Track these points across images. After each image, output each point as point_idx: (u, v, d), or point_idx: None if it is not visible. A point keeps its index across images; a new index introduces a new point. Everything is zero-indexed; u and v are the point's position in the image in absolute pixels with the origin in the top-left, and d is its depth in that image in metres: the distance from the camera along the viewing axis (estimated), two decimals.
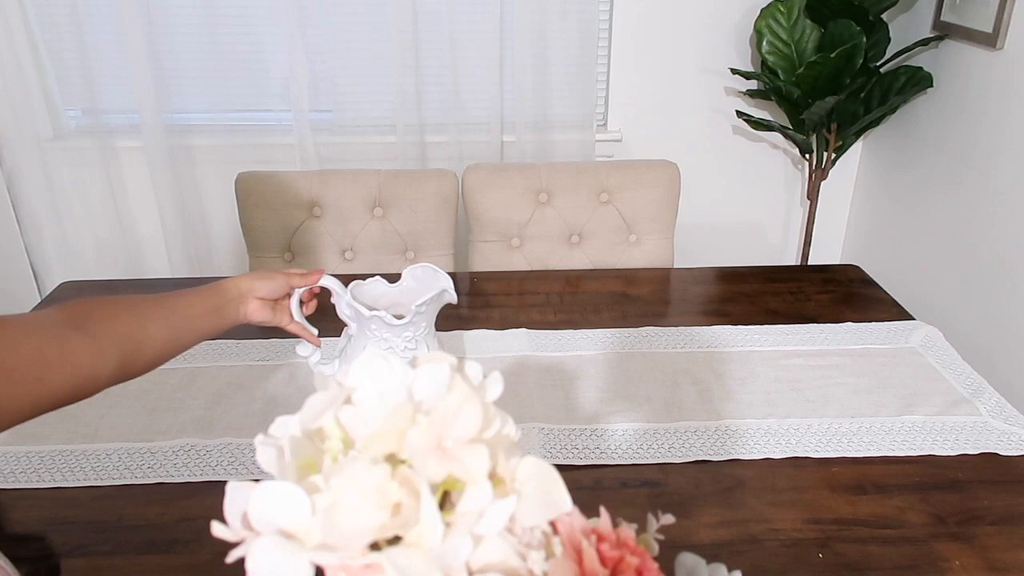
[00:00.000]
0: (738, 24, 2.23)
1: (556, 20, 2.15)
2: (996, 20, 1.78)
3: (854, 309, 1.41)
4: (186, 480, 0.97)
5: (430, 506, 0.37)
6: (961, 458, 1.02)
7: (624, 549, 0.49)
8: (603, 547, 0.48)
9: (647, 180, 1.72)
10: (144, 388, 1.15)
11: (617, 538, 0.49)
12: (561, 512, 0.42)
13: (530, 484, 0.41)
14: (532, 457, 0.42)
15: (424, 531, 0.37)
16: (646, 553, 0.50)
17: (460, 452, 0.38)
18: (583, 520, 0.48)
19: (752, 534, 0.90)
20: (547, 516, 0.41)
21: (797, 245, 2.57)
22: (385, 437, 0.39)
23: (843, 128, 2.15)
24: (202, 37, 2.14)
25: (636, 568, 0.47)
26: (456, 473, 0.38)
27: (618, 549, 0.49)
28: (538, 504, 0.41)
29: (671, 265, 1.74)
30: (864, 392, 1.15)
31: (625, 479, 0.98)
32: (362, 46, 2.19)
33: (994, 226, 1.84)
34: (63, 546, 0.88)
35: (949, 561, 0.85)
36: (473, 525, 0.37)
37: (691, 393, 1.15)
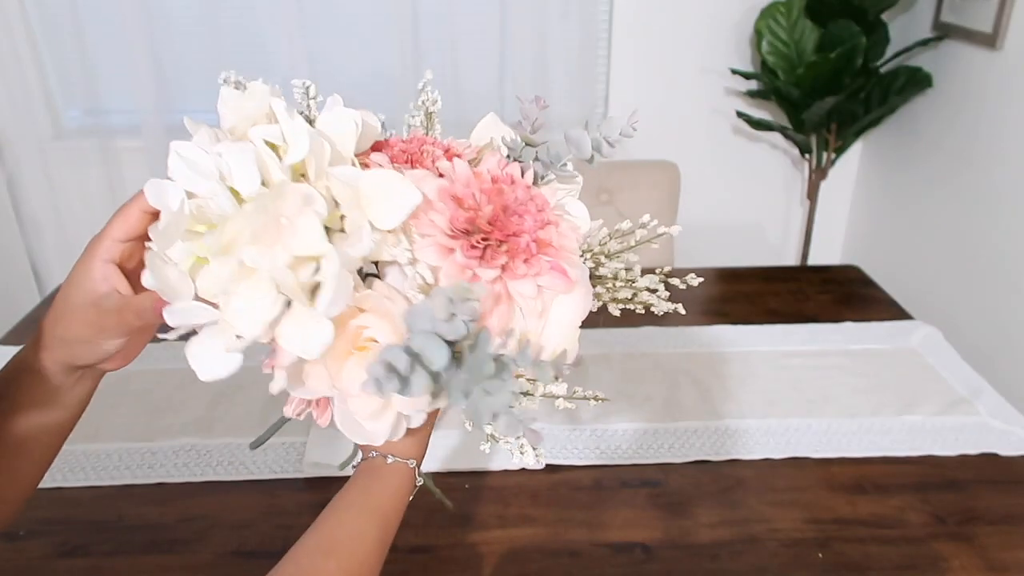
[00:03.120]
0: (738, 24, 2.23)
1: (556, 20, 2.15)
2: (996, 20, 1.78)
3: (854, 309, 1.41)
4: (186, 480, 0.98)
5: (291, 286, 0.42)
6: (961, 458, 1.02)
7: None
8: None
9: (647, 180, 1.72)
10: (144, 388, 1.15)
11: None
12: (413, 206, 0.45)
13: (379, 198, 0.45)
14: (370, 172, 0.46)
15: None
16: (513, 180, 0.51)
17: (293, 227, 0.42)
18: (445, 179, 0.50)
19: (752, 534, 0.90)
20: (401, 216, 0.45)
21: (797, 245, 2.57)
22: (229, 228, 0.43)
23: (843, 128, 2.15)
24: (202, 37, 2.14)
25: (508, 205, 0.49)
26: (299, 252, 0.42)
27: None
28: (389, 210, 0.45)
29: (671, 265, 1.74)
30: (864, 392, 1.15)
31: (625, 479, 0.98)
32: (362, 46, 2.19)
33: (994, 226, 1.84)
34: (63, 546, 0.88)
35: (949, 561, 0.85)
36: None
37: (691, 393, 1.15)
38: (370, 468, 0.54)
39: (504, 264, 0.47)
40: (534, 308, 0.48)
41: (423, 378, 0.39)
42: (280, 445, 1.02)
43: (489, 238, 0.47)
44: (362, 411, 0.47)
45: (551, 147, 0.54)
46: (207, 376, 0.44)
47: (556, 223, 0.50)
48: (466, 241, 0.46)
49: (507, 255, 0.47)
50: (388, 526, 0.53)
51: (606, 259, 0.54)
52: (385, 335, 0.45)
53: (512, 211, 0.48)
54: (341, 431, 0.49)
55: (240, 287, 0.42)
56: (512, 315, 0.48)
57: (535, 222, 0.48)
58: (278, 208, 0.42)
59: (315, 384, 0.47)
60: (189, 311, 0.43)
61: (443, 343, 0.40)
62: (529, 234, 0.48)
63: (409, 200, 0.46)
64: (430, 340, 0.40)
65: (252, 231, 0.42)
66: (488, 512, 0.93)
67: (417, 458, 0.55)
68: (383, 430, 0.48)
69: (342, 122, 0.47)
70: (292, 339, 0.43)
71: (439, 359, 0.40)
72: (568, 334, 0.50)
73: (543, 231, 0.49)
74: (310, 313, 0.42)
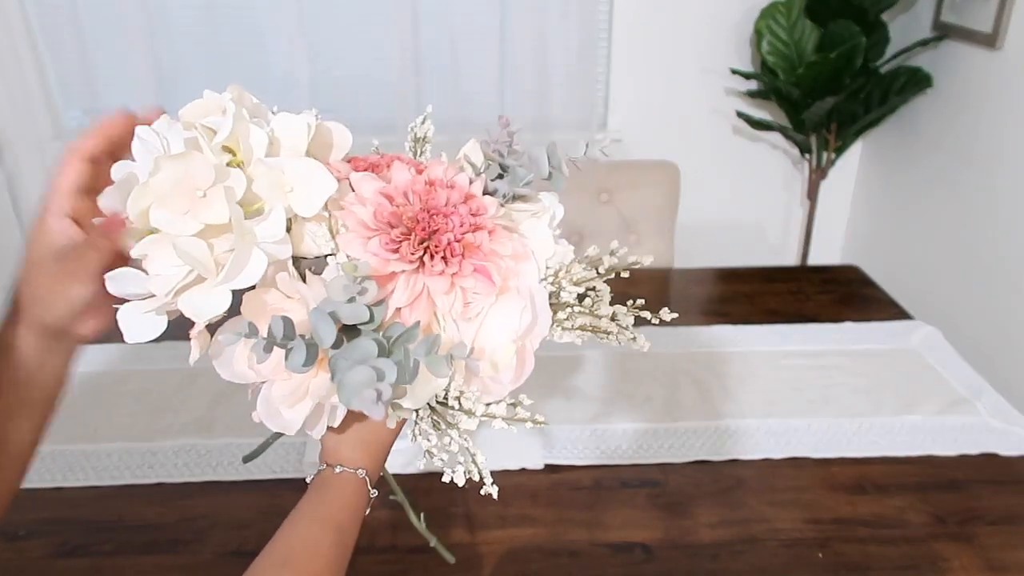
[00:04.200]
0: (738, 24, 2.23)
1: (556, 20, 2.15)
2: (996, 20, 1.78)
3: (854, 309, 1.41)
4: (186, 480, 0.98)
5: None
6: (961, 458, 1.02)
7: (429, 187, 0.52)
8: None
9: (647, 180, 1.72)
10: (145, 388, 1.15)
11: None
12: (328, 194, 0.48)
13: (300, 184, 0.48)
14: (294, 159, 0.49)
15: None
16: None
17: (207, 199, 0.45)
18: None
19: (752, 534, 0.90)
20: (319, 203, 0.48)
21: (797, 245, 2.57)
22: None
23: (843, 128, 2.15)
24: (202, 37, 2.14)
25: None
26: (208, 220, 0.45)
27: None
28: (309, 197, 0.48)
29: (671, 265, 1.74)
30: (864, 392, 1.15)
31: (625, 479, 0.98)
32: (362, 46, 2.19)
33: (994, 226, 1.84)
34: (63, 546, 0.88)
35: (949, 561, 0.85)
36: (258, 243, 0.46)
37: (691, 393, 1.15)
38: (321, 480, 0.54)
39: (422, 261, 0.48)
40: (452, 308, 0.49)
41: (301, 350, 0.43)
42: (280, 445, 1.02)
43: (409, 234, 0.48)
44: (280, 397, 0.49)
45: (515, 169, 0.55)
46: (132, 338, 0.48)
47: (493, 230, 0.51)
48: (387, 235, 0.48)
49: (426, 251, 0.48)
50: (344, 536, 0.53)
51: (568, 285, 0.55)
52: (300, 318, 0.47)
53: (439, 211, 0.49)
54: (261, 418, 0.50)
55: (156, 251, 0.45)
56: (430, 314, 0.49)
57: (462, 224, 0.49)
58: (190, 178, 0.45)
59: (239, 366, 0.49)
60: (126, 277, 0.46)
61: (331, 322, 0.43)
62: (452, 233, 0.49)
63: (326, 187, 0.48)
64: (322, 317, 0.43)
65: (160, 196, 0.45)
66: (488, 512, 0.93)
67: (368, 468, 0.55)
68: (298, 419, 0.49)
69: (293, 124, 0.50)
70: (190, 303, 0.46)
71: (327, 336, 0.43)
72: (502, 346, 0.51)
73: (473, 235, 0.50)
74: (213, 282, 0.45)
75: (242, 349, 0.49)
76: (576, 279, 0.56)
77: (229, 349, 0.49)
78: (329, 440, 0.55)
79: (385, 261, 0.48)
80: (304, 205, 0.48)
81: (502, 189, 0.54)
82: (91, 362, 1.20)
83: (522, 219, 0.55)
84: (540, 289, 0.53)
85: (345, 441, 0.55)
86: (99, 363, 1.21)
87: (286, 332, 0.43)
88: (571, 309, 0.55)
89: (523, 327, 0.50)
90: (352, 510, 0.54)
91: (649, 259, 0.59)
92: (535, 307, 0.51)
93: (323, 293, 0.46)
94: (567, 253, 0.56)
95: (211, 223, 0.45)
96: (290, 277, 0.48)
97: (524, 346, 0.52)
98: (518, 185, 0.55)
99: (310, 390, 0.49)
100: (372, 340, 0.44)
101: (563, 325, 0.56)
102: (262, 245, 0.46)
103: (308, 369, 0.43)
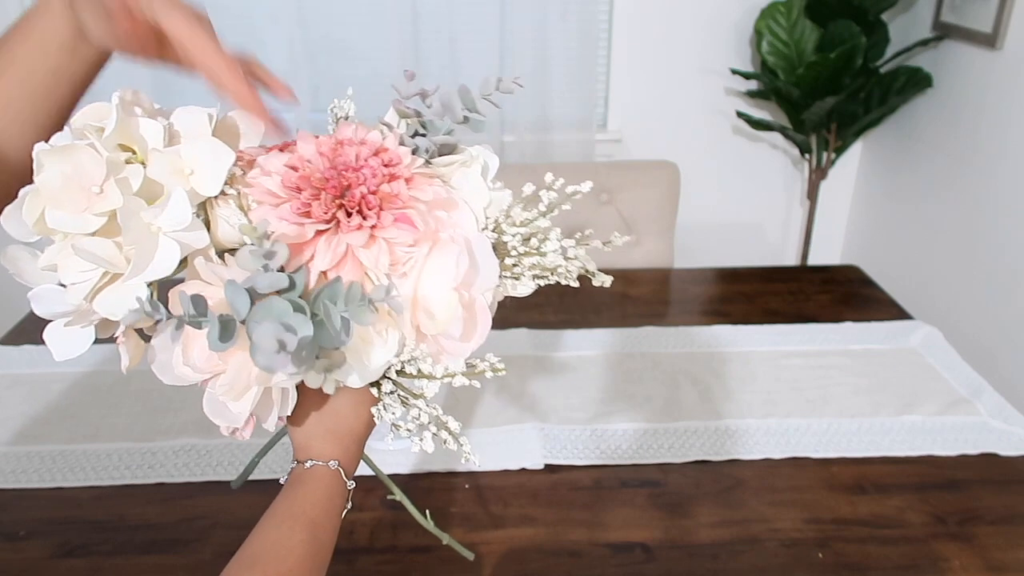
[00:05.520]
0: (738, 24, 2.23)
1: (556, 20, 2.15)
2: (996, 20, 1.79)
3: (853, 309, 1.41)
4: (186, 480, 0.98)
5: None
6: (961, 458, 1.02)
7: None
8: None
9: (647, 180, 1.72)
10: (145, 388, 1.15)
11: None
12: (227, 165, 0.47)
13: (200, 165, 0.47)
14: (189, 142, 0.47)
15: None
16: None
17: (104, 194, 0.44)
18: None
19: (752, 534, 0.90)
20: (219, 178, 0.47)
21: (797, 245, 2.57)
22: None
23: (843, 128, 2.15)
24: None
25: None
26: (103, 209, 0.44)
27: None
28: (209, 174, 0.47)
29: (671, 265, 1.74)
30: (864, 392, 1.15)
31: (625, 479, 0.98)
32: (362, 46, 2.19)
33: (994, 226, 1.84)
34: (63, 546, 0.88)
35: (949, 561, 0.85)
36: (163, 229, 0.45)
37: (691, 393, 1.15)
38: (294, 477, 0.53)
39: (338, 219, 0.47)
40: (379, 262, 0.47)
41: (214, 323, 0.41)
42: (280, 445, 1.02)
43: (318, 195, 0.47)
44: (221, 388, 0.47)
45: (432, 122, 0.53)
46: (61, 356, 0.47)
47: (410, 179, 0.49)
48: (297, 200, 0.47)
49: (342, 209, 0.47)
50: (319, 532, 0.51)
51: (509, 228, 0.53)
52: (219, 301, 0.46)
53: (348, 167, 0.48)
54: (209, 416, 0.49)
55: (64, 258, 0.45)
56: (361, 274, 0.48)
57: (375, 176, 0.48)
58: (80, 175, 0.44)
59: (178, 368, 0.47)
60: (49, 295, 0.46)
61: (244, 292, 0.42)
62: (366, 186, 0.47)
63: (224, 159, 0.47)
64: (235, 290, 0.42)
65: (51, 196, 0.44)
66: (488, 512, 0.93)
67: (341, 459, 0.53)
68: (245, 410, 0.48)
69: (192, 115, 0.49)
70: (104, 303, 0.45)
71: (241, 308, 0.42)
72: (441, 296, 0.49)
73: (389, 185, 0.48)
74: (124, 279, 0.44)
75: (176, 350, 0.47)
76: (519, 221, 0.54)
77: (165, 353, 0.47)
78: (298, 436, 0.54)
79: (300, 226, 0.46)
80: (207, 184, 0.47)
81: (423, 144, 0.52)
82: (91, 362, 1.21)
83: (452, 172, 0.53)
84: (480, 237, 0.51)
85: (314, 435, 0.54)
86: (99, 363, 1.21)
87: (196, 309, 0.41)
88: (516, 252, 0.53)
89: (461, 273, 0.48)
90: (326, 505, 0.52)
91: (588, 184, 0.55)
92: (474, 255, 0.50)
93: (243, 274, 0.45)
94: (504, 198, 0.54)
95: (105, 210, 0.44)
96: (209, 263, 0.47)
97: (474, 300, 0.50)
98: (438, 135, 0.53)
99: (251, 377, 0.47)
100: (285, 300, 0.43)
101: (512, 272, 0.54)
102: (171, 233, 0.45)
103: (228, 345, 0.42)
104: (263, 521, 0.51)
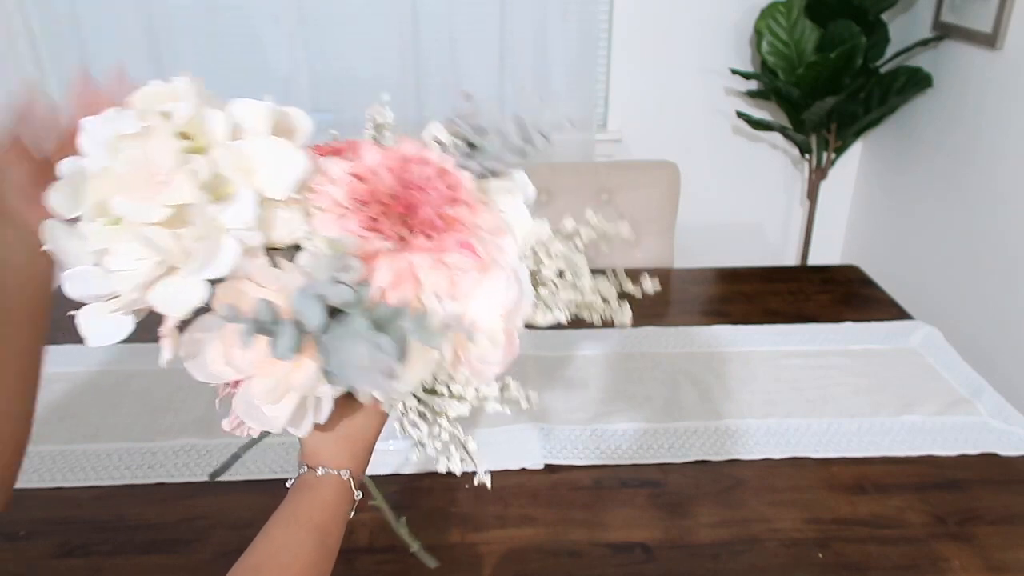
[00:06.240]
0: (738, 24, 2.23)
1: (556, 20, 2.15)
2: (996, 20, 1.78)
3: (853, 309, 1.41)
4: (186, 480, 0.97)
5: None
6: (961, 458, 1.02)
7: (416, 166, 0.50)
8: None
9: (647, 180, 1.72)
10: (145, 388, 1.15)
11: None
12: (300, 172, 0.46)
13: (267, 165, 0.46)
14: (260, 139, 0.46)
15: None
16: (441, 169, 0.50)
17: (169, 183, 0.43)
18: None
19: (752, 534, 0.90)
20: (289, 182, 0.46)
21: (797, 245, 2.57)
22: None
23: (843, 128, 2.15)
24: (202, 37, 2.14)
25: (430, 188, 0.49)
26: (171, 202, 0.43)
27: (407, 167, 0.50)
28: (277, 177, 0.45)
29: (671, 265, 1.74)
30: (864, 392, 1.15)
31: (625, 479, 0.98)
32: (362, 46, 2.19)
33: (994, 226, 1.84)
34: (63, 546, 0.88)
35: (949, 561, 0.85)
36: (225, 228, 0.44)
37: (691, 393, 1.15)
38: (303, 482, 0.53)
39: (403, 238, 0.46)
40: (439, 285, 0.47)
41: (290, 333, 0.40)
42: (280, 445, 1.02)
43: (387, 211, 0.46)
44: (260, 392, 0.46)
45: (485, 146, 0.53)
46: (95, 342, 0.45)
47: (472, 204, 0.48)
48: (363, 214, 0.46)
49: (406, 228, 0.46)
50: (327, 539, 0.51)
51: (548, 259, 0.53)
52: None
53: (416, 186, 0.47)
54: (243, 418, 0.48)
55: (119, 244, 0.43)
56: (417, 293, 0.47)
57: (441, 197, 0.47)
58: (150, 162, 0.43)
59: (215, 365, 0.47)
60: (85, 277, 0.44)
61: (319, 303, 0.41)
62: (432, 208, 0.47)
63: (296, 165, 0.46)
64: (307, 299, 0.41)
65: (120, 181, 0.43)
66: (488, 512, 0.93)
67: (352, 469, 0.53)
68: (283, 415, 0.47)
69: (253, 108, 0.48)
70: (162, 298, 0.43)
71: (313, 318, 0.41)
72: (490, 323, 0.48)
73: (453, 208, 0.47)
74: (184, 273, 0.43)
75: (217, 347, 0.46)
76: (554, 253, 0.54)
77: (204, 348, 0.47)
78: (310, 441, 0.53)
79: (365, 240, 0.45)
80: (273, 186, 0.45)
81: (473, 167, 0.52)
82: (91, 362, 1.20)
83: (497, 196, 0.53)
84: (521, 266, 0.51)
85: (327, 442, 0.53)
86: (99, 363, 1.21)
87: (273, 315, 0.41)
88: (553, 284, 0.54)
89: (510, 301, 0.48)
90: (334, 513, 0.52)
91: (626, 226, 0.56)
92: (520, 283, 0.50)
93: (301, 280, 0.44)
94: (543, 229, 0.54)
95: (174, 203, 0.43)
96: (270, 267, 0.46)
97: (508, 327, 0.50)
98: (490, 160, 0.53)
99: (293, 383, 0.46)
100: (363, 317, 0.42)
101: (547, 302, 0.54)
102: (233, 232, 0.44)
103: (294, 355, 0.41)
104: (269, 524, 0.50)
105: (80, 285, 0.44)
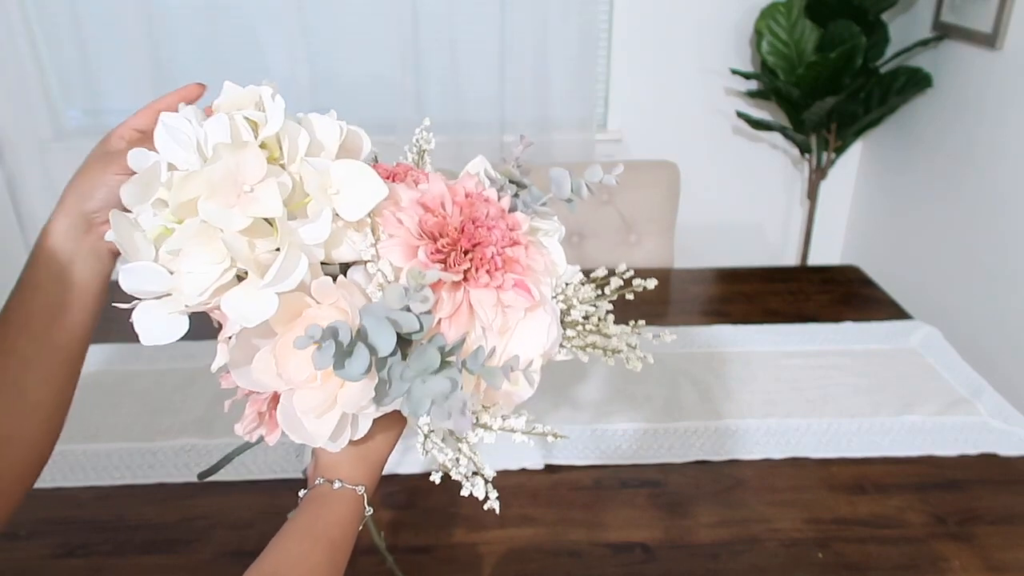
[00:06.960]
0: (738, 24, 2.23)
1: (556, 20, 2.15)
2: (995, 20, 1.79)
3: (853, 309, 1.41)
4: (186, 480, 0.98)
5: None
6: (961, 458, 1.02)
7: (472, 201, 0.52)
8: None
9: (647, 180, 1.72)
10: (145, 388, 1.15)
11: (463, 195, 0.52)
12: (379, 199, 0.47)
13: (346, 187, 0.47)
14: (342, 162, 0.48)
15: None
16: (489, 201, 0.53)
17: (254, 194, 0.44)
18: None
19: (752, 534, 0.90)
20: (367, 207, 0.47)
21: (797, 245, 2.57)
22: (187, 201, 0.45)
23: (843, 128, 2.15)
24: (202, 37, 2.14)
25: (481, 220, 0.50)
26: (255, 213, 0.44)
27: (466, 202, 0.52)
28: (356, 200, 0.47)
29: (671, 265, 1.74)
30: (864, 392, 1.15)
31: (625, 479, 0.98)
32: (362, 46, 2.19)
33: (994, 226, 1.84)
34: (63, 546, 0.88)
35: (949, 561, 0.85)
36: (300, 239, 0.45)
37: (691, 393, 1.15)
38: (318, 495, 0.53)
39: (467, 272, 0.48)
40: (494, 321, 0.49)
41: (364, 357, 0.40)
42: (280, 445, 1.02)
43: (455, 245, 0.48)
44: (306, 407, 0.46)
45: (532, 188, 0.56)
46: (150, 341, 0.45)
47: (527, 245, 0.51)
48: (432, 244, 0.48)
49: (471, 263, 0.48)
50: (337, 553, 0.51)
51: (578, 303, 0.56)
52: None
53: (481, 223, 0.49)
54: (283, 429, 0.48)
55: (194, 246, 0.43)
56: (470, 326, 0.49)
57: (503, 237, 0.49)
58: (240, 171, 0.43)
59: (262, 373, 0.47)
60: (145, 272, 0.44)
61: (391, 329, 0.41)
62: (495, 247, 0.49)
63: (376, 192, 0.47)
64: (380, 324, 0.42)
65: (211, 186, 0.43)
66: (488, 512, 0.92)
67: (367, 485, 0.54)
68: (324, 430, 0.48)
69: (326, 125, 0.50)
70: (235, 306, 0.44)
71: (386, 344, 0.41)
72: (531, 360, 0.51)
73: (511, 249, 0.50)
74: (257, 284, 0.43)
75: (267, 357, 0.46)
76: (583, 298, 0.57)
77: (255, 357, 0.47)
78: (325, 455, 0.54)
79: (431, 271, 0.47)
80: (350, 209, 0.46)
81: (520, 208, 0.55)
82: (91, 362, 1.20)
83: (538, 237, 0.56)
84: (554, 305, 0.53)
85: (345, 457, 0.54)
86: (99, 363, 1.21)
87: (352, 338, 0.41)
88: (580, 327, 0.56)
89: (551, 341, 0.50)
90: (347, 527, 0.52)
91: (653, 282, 0.60)
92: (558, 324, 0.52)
93: (362, 301, 0.45)
94: (576, 273, 0.57)
95: (258, 214, 0.44)
96: (343, 287, 0.47)
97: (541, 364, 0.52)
98: (535, 205, 0.55)
99: (341, 400, 0.46)
100: (435, 350, 0.43)
101: (573, 343, 0.57)
102: (304, 247, 0.45)
103: (364, 377, 0.41)
104: (281, 535, 0.51)
105: (138, 279, 0.44)
